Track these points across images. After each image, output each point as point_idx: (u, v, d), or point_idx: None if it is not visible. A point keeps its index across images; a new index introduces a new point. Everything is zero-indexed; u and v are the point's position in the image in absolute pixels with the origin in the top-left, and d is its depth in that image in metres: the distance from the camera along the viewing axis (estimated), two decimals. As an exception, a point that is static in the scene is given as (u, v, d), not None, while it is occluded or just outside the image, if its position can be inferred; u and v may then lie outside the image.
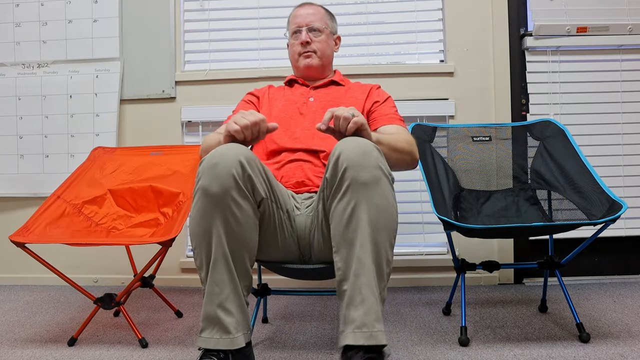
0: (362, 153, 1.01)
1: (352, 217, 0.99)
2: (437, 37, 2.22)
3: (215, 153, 1.04)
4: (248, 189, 1.04)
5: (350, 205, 1.00)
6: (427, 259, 2.14)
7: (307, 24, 1.54)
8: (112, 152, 1.89)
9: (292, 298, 1.97)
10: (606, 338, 1.40)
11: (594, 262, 2.16)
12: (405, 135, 1.36)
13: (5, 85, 2.29)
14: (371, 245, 0.99)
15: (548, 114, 2.13)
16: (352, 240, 0.99)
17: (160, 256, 1.48)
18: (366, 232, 0.98)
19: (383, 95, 1.54)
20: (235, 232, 1.04)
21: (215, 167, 1.01)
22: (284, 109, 1.49)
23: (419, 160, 1.36)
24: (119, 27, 2.26)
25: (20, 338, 1.53)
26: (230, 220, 1.03)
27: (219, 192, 1.01)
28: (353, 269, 0.98)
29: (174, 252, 2.21)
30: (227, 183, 1.01)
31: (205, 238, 1.04)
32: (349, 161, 1.00)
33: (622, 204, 1.31)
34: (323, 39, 1.55)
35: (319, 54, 1.54)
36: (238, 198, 1.03)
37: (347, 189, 1.00)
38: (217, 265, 1.03)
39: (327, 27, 1.58)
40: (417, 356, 1.31)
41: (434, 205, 1.43)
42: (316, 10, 1.58)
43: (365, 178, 0.99)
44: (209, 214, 1.03)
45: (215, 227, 1.03)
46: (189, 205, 1.55)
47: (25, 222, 1.50)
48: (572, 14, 2.12)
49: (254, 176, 1.05)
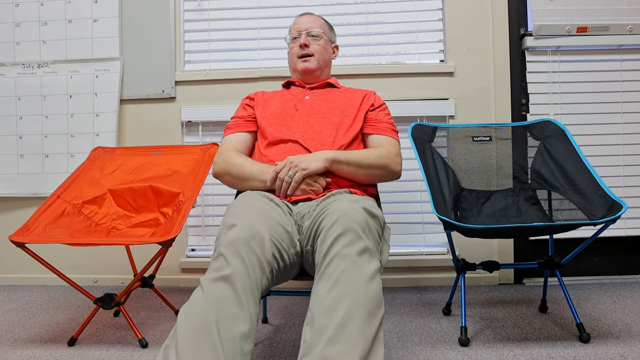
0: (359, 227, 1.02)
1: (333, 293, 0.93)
2: (437, 37, 2.22)
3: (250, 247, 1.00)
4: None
5: (332, 278, 0.95)
6: (427, 259, 2.14)
7: (306, 29, 1.59)
8: (112, 152, 1.89)
9: (292, 298, 1.97)
10: (606, 338, 1.40)
11: (594, 262, 2.16)
12: (383, 150, 1.41)
13: (5, 85, 2.29)
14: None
15: (548, 114, 2.13)
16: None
17: (160, 256, 1.48)
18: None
19: (379, 100, 1.57)
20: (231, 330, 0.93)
21: (250, 254, 0.99)
22: (280, 106, 1.51)
23: (399, 171, 1.43)
24: (119, 27, 2.26)
25: (20, 338, 1.53)
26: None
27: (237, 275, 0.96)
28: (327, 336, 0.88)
29: (174, 252, 2.21)
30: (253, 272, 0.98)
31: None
32: (343, 234, 1.00)
33: (622, 204, 1.31)
34: (321, 44, 1.59)
35: (316, 57, 1.57)
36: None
37: (332, 260, 0.98)
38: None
39: (326, 34, 1.63)
40: (417, 356, 1.31)
41: (434, 205, 1.43)
42: (316, 18, 1.64)
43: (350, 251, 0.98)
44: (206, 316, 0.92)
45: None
46: (189, 205, 1.55)
47: (25, 222, 1.50)
48: (572, 14, 2.12)
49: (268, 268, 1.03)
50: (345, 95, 1.55)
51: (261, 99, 1.57)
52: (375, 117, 1.50)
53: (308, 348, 0.89)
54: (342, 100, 1.52)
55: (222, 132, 2.22)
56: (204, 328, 0.89)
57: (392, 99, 2.16)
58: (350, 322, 0.89)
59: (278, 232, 1.11)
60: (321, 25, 1.63)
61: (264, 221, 1.08)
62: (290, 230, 1.17)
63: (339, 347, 0.86)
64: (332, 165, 1.30)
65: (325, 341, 0.87)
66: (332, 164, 1.30)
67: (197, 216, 2.23)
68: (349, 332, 0.88)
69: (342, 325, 0.89)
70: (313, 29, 1.59)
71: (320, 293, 0.94)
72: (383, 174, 1.39)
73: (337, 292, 0.93)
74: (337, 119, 1.45)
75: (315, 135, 1.41)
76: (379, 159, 1.38)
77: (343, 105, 1.50)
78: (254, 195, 1.26)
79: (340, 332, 0.88)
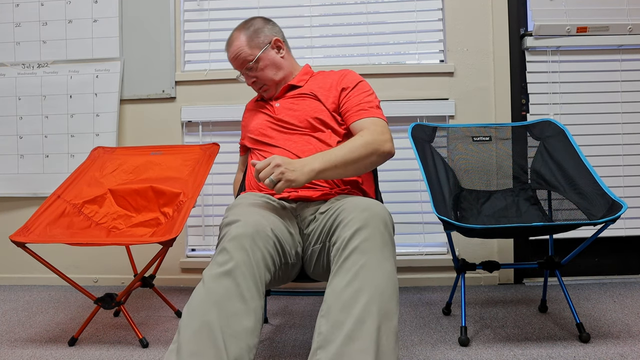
0: (378, 225, 1.00)
1: (352, 286, 0.93)
2: (437, 37, 2.22)
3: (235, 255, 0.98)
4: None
5: (352, 271, 0.95)
6: (427, 259, 2.14)
7: (242, 67, 1.45)
8: (112, 152, 1.89)
9: (292, 298, 1.97)
10: (606, 338, 1.40)
11: (594, 262, 2.16)
12: (367, 134, 1.26)
13: (5, 85, 2.29)
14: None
15: (548, 114, 2.13)
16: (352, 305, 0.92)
17: (160, 256, 1.48)
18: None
19: (352, 80, 1.41)
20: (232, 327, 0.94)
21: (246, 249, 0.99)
22: (258, 120, 1.48)
23: (390, 149, 1.27)
24: (119, 27, 2.26)
25: (20, 338, 1.53)
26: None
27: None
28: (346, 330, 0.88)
29: (174, 252, 2.21)
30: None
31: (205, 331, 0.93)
32: (364, 227, 0.99)
33: (622, 204, 1.31)
34: (263, 67, 1.44)
35: (269, 82, 1.46)
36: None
37: (354, 251, 0.97)
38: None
39: (258, 51, 1.44)
40: (417, 356, 1.31)
41: (434, 205, 1.43)
42: (236, 44, 1.44)
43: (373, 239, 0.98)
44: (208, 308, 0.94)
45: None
46: (189, 205, 1.55)
47: (26, 222, 1.50)
48: (572, 14, 2.12)
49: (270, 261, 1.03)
50: (310, 89, 1.44)
51: (246, 117, 1.57)
52: (350, 102, 1.36)
53: (324, 341, 0.89)
54: (305, 98, 1.43)
55: (222, 132, 2.24)
56: (206, 327, 0.90)
57: (392, 99, 2.16)
58: (369, 318, 0.89)
59: (282, 231, 1.11)
60: (245, 50, 1.43)
61: (268, 219, 1.09)
62: (293, 231, 1.17)
63: (359, 344, 0.86)
64: (318, 175, 1.18)
65: (344, 337, 0.87)
66: (318, 175, 1.17)
67: (197, 216, 2.23)
68: (367, 329, 0.88)
69: (361, 322, 0.88)
70: (245, 60, 1.43)
71: (338, 286, 0.94)
72: (375, 160, 1.26)
73: (356, 287, 0.92)
74: (315, 135, 1.37)
75: (293, 144, 1.36)
76: (366, 147, 1.23)
77: (312, 112, 1.40)
78: (255, 196, 1.26)
79: (359, 328, 0.88)
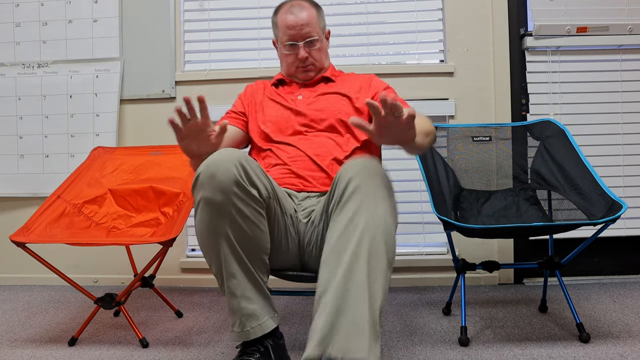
0: (370, 172, 0.99)
1: (350, 223, 0.94)
2: (437, 37, 2.22)
3: (211, 162, 1.01)
4: (252, 191, 1.03)
5: (351, 210, 0.95)
6: (427, 259, 2.14)
7: (303, 38, 1.40)
8: (112, 152, 1.89)
9: (292, 298, 1.97)
10: (606, 338, 1.40)
11: (594, 262, 2.16)
12: (423, 116, 1.28)
13: (5, 85, 2.29)
14: (367, 255, 0.91)
15: (548, 114, 2.13)
16: (345, 248, 0.92)
17: (160, 256, 1.48)
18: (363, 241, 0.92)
19: (381, 83, 1.50)
20: (246, 234, 1.04)
21: (215, 177, 1.00)
22: (274, 112, 1.44)
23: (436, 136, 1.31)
24: (119, 27, 2.26)
25: (20, 338, 1.53)
26: (239, 226, 1.03)
27: (223, 201, 1.00)
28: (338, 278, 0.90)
29: (174, 251, 2.21)
30: (229, 190, 1.00)
31: (217, 250, 1.05)
32: (356, 175, 0.98)
33: (622, 204, 1.31)
34: (320, 47, 1.44)
35: (317, 64, 1.45)
36: (242, 205, 1.02)
37: (350, 196, 0.97)
38: (234, 271, 1.06)
39: (322, 30, 1.45)
40: (417, 356, 1.31)
41: (434, 205, 1.43)
42: (308, 14, 1.40)
43: (372, 188, 0.97)
44: (215, 225, 1.03)
45: (225, 238, 1.03)
46: (189, 205, 1.55)
47: (26, 222, 1.50)
48: (572, 14, 2.12)
49: (255, 177, 1.04)
50: (341, 86, 1.45)
51: (252, 104, 1.50)
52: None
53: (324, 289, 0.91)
54: (334, 94, 1.43)
55: (222, 132, 2.24)
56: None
57: (392, 99, 2.16)
58: (357, 267, 0.90)
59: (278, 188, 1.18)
60: (315, 22, 1.41)
61: None
62: (291, 202, 1.25)
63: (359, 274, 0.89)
64: (416, 138, 1.10)
65: (343, 271, 0.89)
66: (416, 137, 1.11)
67: (197, 216, 2.23)
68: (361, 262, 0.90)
69: (350, 270, 0.90)
70: (310, 33, 1.39)
71: (340, 222, 0.95)
72: (432, 139, 1.28)
73: (355, 222, 0.93)
74: (343, 135, 1.38)
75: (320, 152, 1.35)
76: (432, 125, 1.27)
77: (339, 97, 1.41)
78: None
79: (355, 262, 0.90)
